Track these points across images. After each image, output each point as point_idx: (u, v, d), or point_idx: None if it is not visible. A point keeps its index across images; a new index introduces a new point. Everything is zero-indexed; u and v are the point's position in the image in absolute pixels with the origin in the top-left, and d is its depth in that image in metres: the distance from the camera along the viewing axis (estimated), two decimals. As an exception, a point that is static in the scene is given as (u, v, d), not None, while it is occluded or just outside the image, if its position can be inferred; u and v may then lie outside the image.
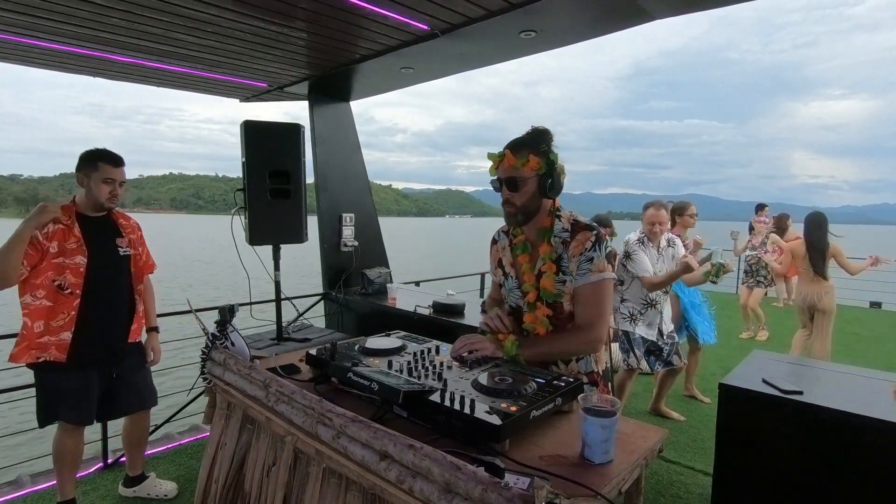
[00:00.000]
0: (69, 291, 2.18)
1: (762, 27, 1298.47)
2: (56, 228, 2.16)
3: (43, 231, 2.13)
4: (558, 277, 1.58)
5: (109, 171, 2.25)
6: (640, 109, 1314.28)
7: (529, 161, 1.53)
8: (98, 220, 2.31)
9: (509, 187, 1.58)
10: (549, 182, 1.55)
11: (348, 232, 4.22)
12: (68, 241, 2.18)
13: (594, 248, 1.55)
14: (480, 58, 3.29)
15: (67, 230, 2.19)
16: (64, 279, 2.17)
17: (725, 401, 1.95)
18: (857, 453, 1.68)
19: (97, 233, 2.28)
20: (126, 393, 2.43)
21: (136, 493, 2.63)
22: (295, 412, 1.31)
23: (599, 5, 2.45)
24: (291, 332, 3.12)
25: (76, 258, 2.18)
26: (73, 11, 2.52)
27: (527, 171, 1.54)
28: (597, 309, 1.56)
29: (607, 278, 1.55)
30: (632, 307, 3.33)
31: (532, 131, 1.60)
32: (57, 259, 2.15)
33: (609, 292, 1.58)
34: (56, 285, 2.16)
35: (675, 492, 2.72)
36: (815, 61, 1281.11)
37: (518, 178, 1.56)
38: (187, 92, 4.29)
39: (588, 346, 1.58)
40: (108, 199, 2.27)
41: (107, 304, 2.29)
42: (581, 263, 1.55)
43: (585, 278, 1.54)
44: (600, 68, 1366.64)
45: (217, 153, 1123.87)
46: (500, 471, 0.92)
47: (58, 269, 2.16)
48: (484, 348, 1.54)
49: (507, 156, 1.57)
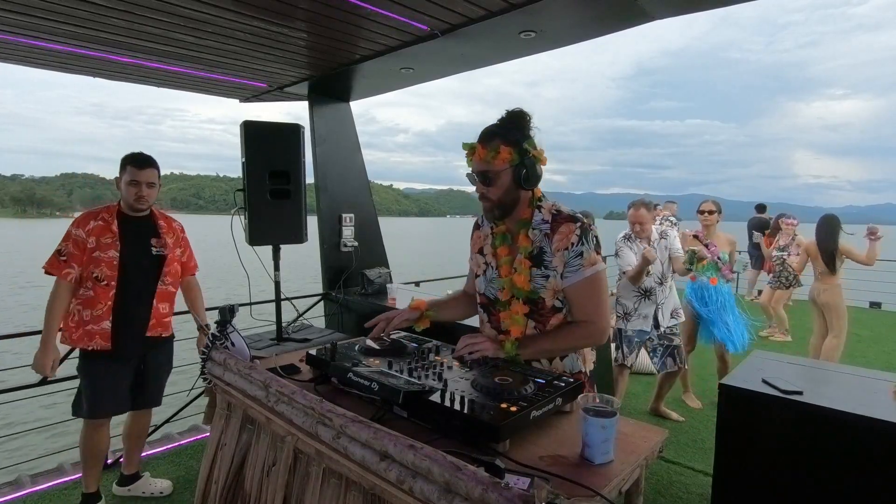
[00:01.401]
0: (105, 283, 2.33)
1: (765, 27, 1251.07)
2: (96, 225, 2.34)
3: (86, 228, 2.32)
4: (540, 272, 1.51)
5: (135, 173, 2.37)
6: (642, 109, 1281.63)
7: (500, 153, 1.45)
8: (137, 219, 2.45)
9: (483, 181, 1.50)
10: (524, 173, 1.46)
11: (348, 232, 4.23)
12: (104, 237, 2.34)
13: (581, 241, 1.48)
14: (480, 58, 3.29)
15: (106, 226, 2.36)
16: (101, 271, 2.32)
17: (725, 401, 1.95)
18: (858, 453, 1.68)
19: (134, 231, 2.43)
20: (143, 388, 2.51)
21: (131, 491, 2.65)
22: (295, 412, 1.30)
23: (599, 5, 2.45)
24: (291, 332, 3.12)
25: (110, 252, 2.34)
26: (73, 12, 2.52)
27: (498, 163, 1.46)
28: (595, 302, 1.51)
29: (600, 270, 1.50)
30: (625, 304, 3.41)
31: (505, 117, 1.50)
32: (95, 252, 2.32)
33: (604, 283, 1.54)
34: (94, 277, 2.32)
35: (675, 492, 2.72)
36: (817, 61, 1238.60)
37: (490, 172, 1.48)
38: (187, 92, 4.29)
39: (592, 340, 1.55)
40: (135, 199, 2.38)
41: (139, 297, 2.42)
42: (570, 259, 1.48)
43: (579, 274, 1.48)
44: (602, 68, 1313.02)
45: (219, 153, 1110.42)
46: (501, 471, 0.92)
47: (95, 262, 2.32)
48: (485, 349, 1.52)
49: (478, 148, 1.48)
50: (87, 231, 2.31)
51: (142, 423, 2.65)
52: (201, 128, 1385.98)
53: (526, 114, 1.50)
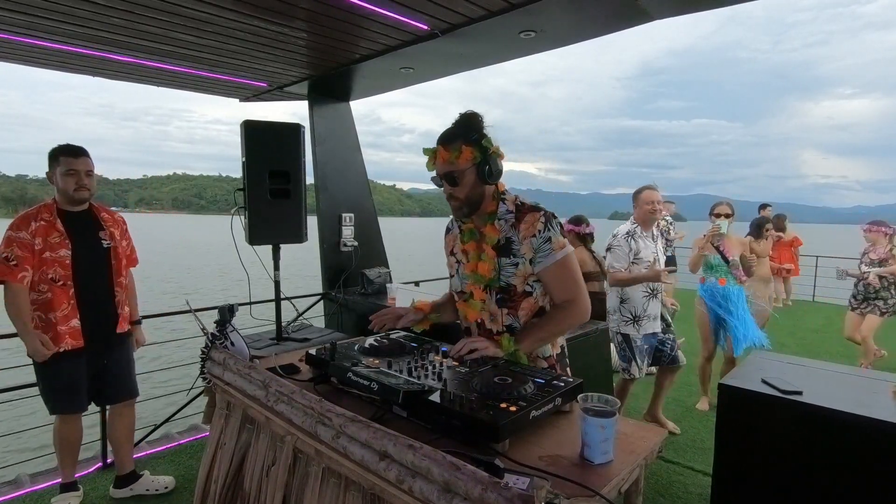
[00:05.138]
0: (62, 283, 2.29)
1: (772, 26, 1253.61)
2: (38, 225, 2.27)
3: (28, 230, 2.25)
4: (509, 260, 1.58)
5: (70, 162, 2.32)
6: (648, 109, 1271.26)
7: (462, 152, 1.52)
8: (79, 214, 2.40)
9: (449, 182, 1.57)
10: (487, 169, 1.54)
11: (348, 232, 4.23)
12: (51, 236, 2.28)
13: (547, 227, 1.55)
14: (480, 58, 3.29)
15: (49, 225, 2.29)
16: (55, 271, 2.28)
17: (725, 401, 1.95)
18: (857, 453, 1.67)
19: (79, 226, 2.38)
20: (113, 382, 2.52)
21: (134, 490, 2.64)
22: (294, 412, 1.30)
23: (599, 5, 2.46)
24: (291, 331, 3.12)
25: (60, 251, 2.29)
26: (73, 11, 2.52)
27: (462, 162, 1.53)
28: (572, 282, 1.59)
29: (570, 252, 1.59)
30: (633, 307, 3.17)
31: (460, 119, 1.58)
32: (44, 254, 2.26)
33: (575, 264, 1.61)
34: (49, 278, 2.28)
35: (674, 492, 2.71)
36: (826, 60, 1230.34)
37: (455, 172, 1.55)
38: (188, 92, 4.29)
39: (579, 318, 1.61)
40: (75, 189, 2.32)
41: (95, 293, 2.40)
42: (540, 245, 1.55)
43: (550, 258, 1.55)
44: (608, 68, 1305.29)
45: (224, 153, 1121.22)
46: (500, 471, 0.92)
47: (48, 263, 2.27)
48: (484, 349, 1.53)
49: (440, 151, 1.55)
50: (31, 232, 2.24)
51: (125, 422, 2.62)
52: (207, 128, 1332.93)
53: (478, 114, 1.58)
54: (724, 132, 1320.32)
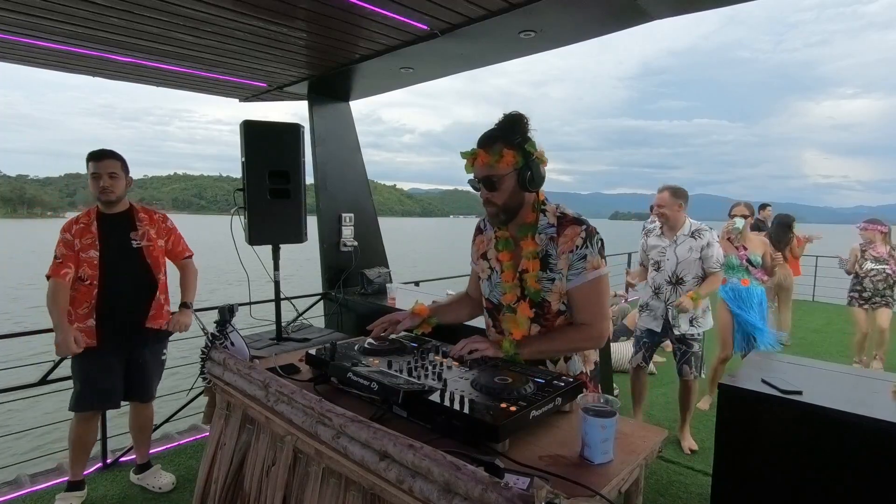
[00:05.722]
0: (88, 282, 2.41)
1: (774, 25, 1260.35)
2: (78, 228, 2.43)
3: (71, 231, 2.42)
4: (546, 275, 1.51)
5: (94, 165, 2.42)
6: (649, 109, 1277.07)
7: (504, 156, 1.43)
8: (114, 216, 2.51)
9: (487, 187, 1.48)
10: (529, 175, 1.45)
11: (348, 232, 4.22)
12: (85, 238, 2.42)
13: (585, 244, 1.48)
14: (480, 58, 3.29)
15: (86, 228, 2.44)
16: (83, 271, 2.41)
17: (725, 401, 1.95)
18: (857, 453, 1.67)
19: (112, 228, 2.49)
20: (134, 379, 2.57)
21: (141, 480, 2.72)
22: (294, 412, 1.30)
23: (599, 5, 2.45)
24: (291, 332, 3.12)
25: (90, 252, 2.42)
26: (73, 11, 2.52)
27: (502, 167, 1.44)
28: (596, 306, 1.52)
29: (603, 274, 1.51)
30: (641, 295, 3.34)
31: (503, 120, 1.48)
32: (81, 254, 2.41)
33: (606, 288, 1.54)
34: (79, 277, 2.41)
35: (674, 492, 2.71)
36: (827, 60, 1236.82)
37: (494, 177, 1.46)
38: (188, 92, 4.29)
39: (590, 343, 1.56)
40: (100, 192, 2.43)
41: (122, 292, 2.47)
42: (574, 262, 1.48)
43: (582, 277, 1.49)
44: (609, 68, 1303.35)
45: (224, 153, 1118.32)
46: (500, 471, 0.92)
47: (80, 263, 2.41)
48: (484, 349, 1.53)
49: (480, 154, 1.46)
50: (73, 234, 2.41)
51: (141, 417, 2.72)
52: (208, 128, 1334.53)
53: (524, 116, 1.49)
54: (726, 132, 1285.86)
